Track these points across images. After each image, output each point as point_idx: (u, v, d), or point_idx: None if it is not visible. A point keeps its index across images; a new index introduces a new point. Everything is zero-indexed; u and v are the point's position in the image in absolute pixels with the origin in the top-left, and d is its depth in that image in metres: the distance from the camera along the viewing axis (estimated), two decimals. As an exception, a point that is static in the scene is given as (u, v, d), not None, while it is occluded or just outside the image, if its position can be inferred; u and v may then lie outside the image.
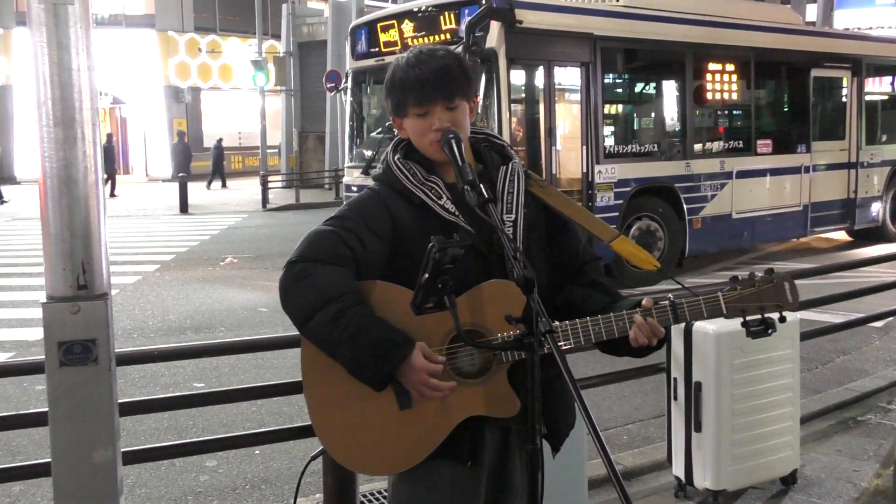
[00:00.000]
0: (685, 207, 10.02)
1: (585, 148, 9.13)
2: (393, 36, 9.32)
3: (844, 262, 8.17)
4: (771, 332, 2.01)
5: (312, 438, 2.06)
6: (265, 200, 20.99)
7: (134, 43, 31.20)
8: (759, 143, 11.03)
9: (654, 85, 10.73)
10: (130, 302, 9.37)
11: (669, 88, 10.57)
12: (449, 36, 8.57)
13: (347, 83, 10.24)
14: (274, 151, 29.36)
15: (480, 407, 1.94)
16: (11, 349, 7.32)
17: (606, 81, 9.61)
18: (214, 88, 33.90)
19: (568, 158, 9.24)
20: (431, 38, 8.83)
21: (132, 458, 3.21)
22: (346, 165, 10.82)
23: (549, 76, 8.87)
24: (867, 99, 12.57)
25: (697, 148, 10.37)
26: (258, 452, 4.81)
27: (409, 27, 9.13)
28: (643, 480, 4.10)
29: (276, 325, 7.79)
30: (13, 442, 4.88)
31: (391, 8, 9.89)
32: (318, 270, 1.92)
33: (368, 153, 9.78)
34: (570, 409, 2.15)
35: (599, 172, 9.18)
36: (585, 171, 9.14)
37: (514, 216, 2.03)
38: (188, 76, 32.97)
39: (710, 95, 10.56)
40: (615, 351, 2.06)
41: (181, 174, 22.16)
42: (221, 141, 27.31)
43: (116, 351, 2.19)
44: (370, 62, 9.75)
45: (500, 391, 1.94)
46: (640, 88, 10.83)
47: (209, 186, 26.31)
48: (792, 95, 11.90)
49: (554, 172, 8.88)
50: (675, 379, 3.82)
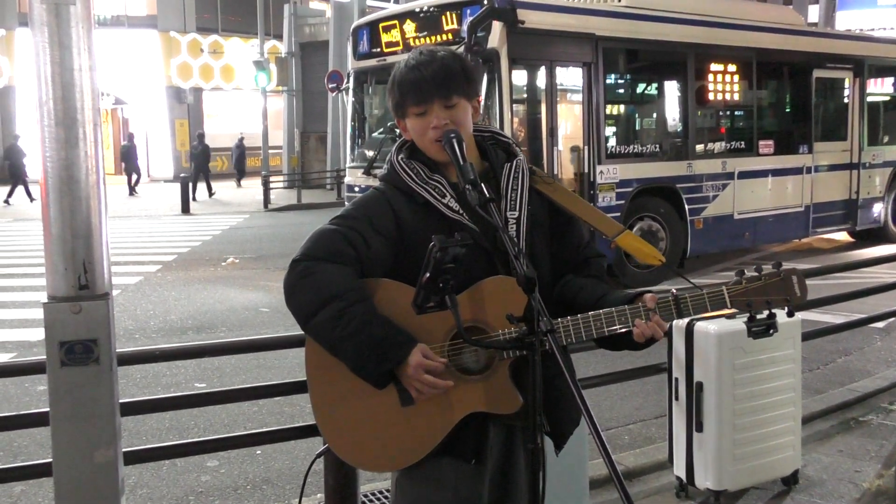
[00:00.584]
0: (687, 208, 10.01)
1: (587, 148, 9.12)
2: (395, 36, 9.32)
3: (846, 262, 8.16)
4: (772, 332, 2.01)
5: (314, 438, 2.07)
6: (267, 201, 21.03)
7: (136, 43, 31.25)
8: (760, 143, 11.02)
9: (655, 85, 10.72)
10: (132, 302, 9.38)
11: (671, 89, 10.56)
12: (451, 36, 8.57)
13: (349, 83, 10.25)
14: (276, 152, 29.36)
15: (482, 403, 1.94)
16: (13, 349, 7.33)
17: (608, 82, 9.60)
18: (216, 89, 33.92)
19: (569, 158, 9.24)
20: (433, 38, 8.83)
21: (133, 457, 3.21)
22: (347, 166, 10.82)
23: (550, 76, 8.86)
24: (869, 100, 12.56)
25: (699, 148, 10.36)
26: (259, 452, 4.81)
27: (410, 27, 9.14)
28: (644, 480, 4.10)
29: (277, 325, 7.80)
30: (15, 442, 4.88)
31: (393, 8, 9.90)
32: (321, 269, 1.93)
33: (370, 153, 9.79)
34: (574, 406, 2.13)
35: (601, 173, 9.17)
36: (587, 171, 9.14)
37: (517, 213, 2.03)
38: (190, 77, 33.00)
39: (712, 96, 10.55)
40: (614, 346, 2.06)
41: (203, 174, 22.82)
42: (243, 139, 27.42)
43: (118, 351, 2.19)
44: (372, 62, 9.75)
45: (501, 387, 1.94)
46: (641, 89, 10.82)
47: (239, 184, 26.59)
48: (794, 96, 11.89)
49: (556, 172, 8.87)
50: (676, 379, 3.81)
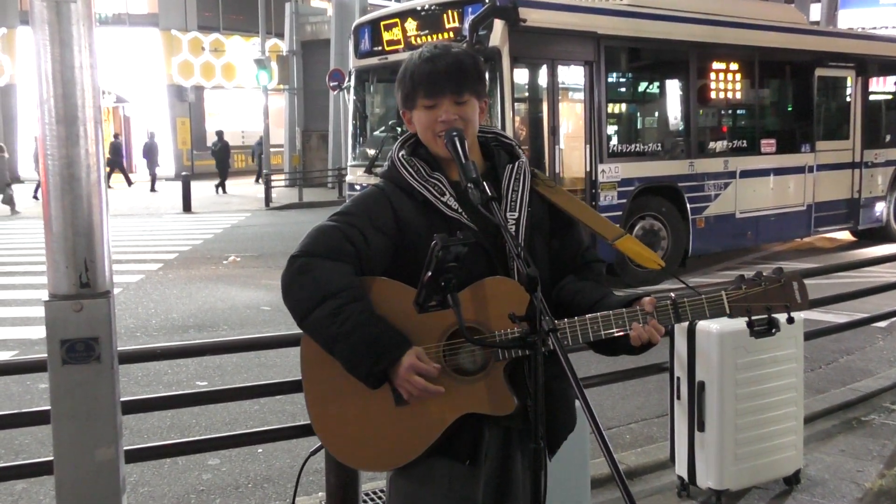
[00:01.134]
0: (689, 207, 9.99)
1: (589, 147, 9.11)
2: (396, 34, 9.31)
3: (848, 262, 8.14)
4: (774, 331, 2.00)
5: (315, 437, 2.06)
6: (268, 199, 21.05)
7: (137, 42, 31.27)
8: (762, 142, 11.01)
9: (657, 84, 10.70)
10: (134, 300, 9.38)
11: (673, 87, 10.55)
12: (452, 34, 8.56)
13: (350, 82, 10.23)
14: (277, 150, 29.36)
15: (477, 404, 1.93)
16: (15, 347, 7.33)
17: (610, 80, 9.59)
18: (218, 87, 33.93)
19: (571, 157, 9.23)
20: (434, 36, 8.81)
21: (135, 456, 3.21)
22: (349, 164, 10.81)
23: (552, 75, 8.85)
24: (871, 99, 12.54)
25: (701, 147, 10.35)
26: (261, 451, 4.81)
27: (412, 26, 9.12)
28: (646, 480, 4.09)
29: (278, 323, 7.79)
30: (16, 440, 4.88)
31: (394, 6, 9.88)
32: (319, 266, 1.92)
33: (371, 152, 9.78)
34: (569, 411, 2.13)
35: (603, 171, 9.16)
36: (589, 170, 9.12)
37: (517, 214, 2.02)
38: (191, 75, 33.00)
39: (713, 95, 10.53)
40: (611, 351, 2.04)
41: (224, 170, 23.18)
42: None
43: (119, 349, 2.19)
44: (373, 61, 9.74)
45: (497, 389, 1.92)
46: (643, 87, 10.80)
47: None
48: (796, 95, 11.86)
49: (557, 171, 8.86)
50: (678, 378, 3.81)
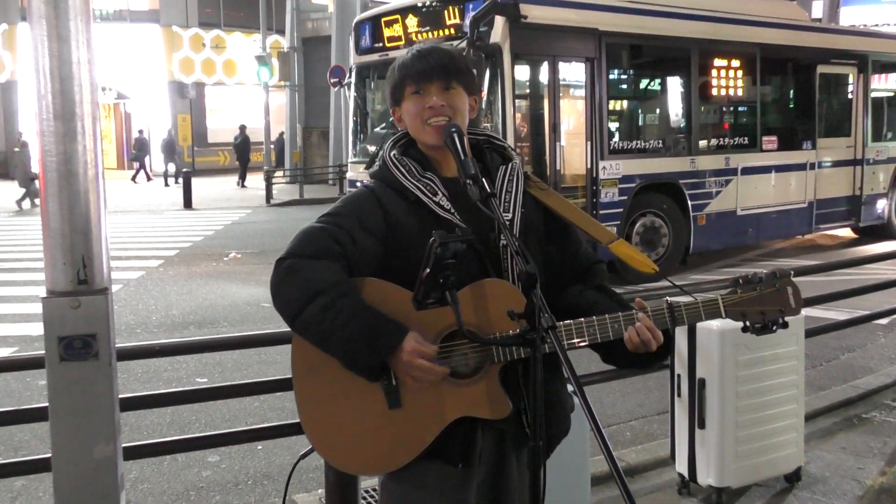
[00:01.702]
0: (690, 204, 9.98)
1: (590, 144, 9.09)
2: (397, 31, 9.30)
3: (850, 259, 8.12)
4: (775, 328, 1.99)
5: (311, 436, 2.04)
6: (269, 196, 21.05)
7: (138, 38, 31.23)
8: (764, 139, 10.98)
9: (659, 81, 10.68)
10: (134, 297, 9.38)
11: (674, 84, 10.53)
12: (453, 31, 8.55)
13: (351, 78, 10.23)
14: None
15: (471, 408, 1.90)
16: (15, 344, 7.33)
17: (611, 77, 9.57)
18: (218, 84, 33.88)
19: (572, 154, 9.22)
20: (435, 32, 8.80)
21: (134, 453, 3.21)
22: (349, 161, 10.81)
23: (553, 72, 8.83)
24: (873, 95, 12.52)
25: (702, 144, 10.34)
26: (260, 448, 4.81)
27: (413, 22, 9.12)
28: (646, 477, 4.09)
29: (278, 320, 7.70)
30: (16, 437, 4.88)
31: (395, 3, 9.84)
32: (308, 265, 1.90)
33: (372, 148, 9.77)
34: (563, 414, 2.10)
35: (604, 168, 9.14)
36: (590, 167, 9.11)
37: (510, 215, 2.00)
38: (192, 71, 32.96)
39: (715, 91, 10.51)
40: (618, 361, 2.04)
41: (244, 164, 23.95)
42: (283, 134, 27.32)
43: (118, 346, 2.18)
44: (374, 57, 9.73)
45: (491, 392, 1.90)
46: (645, 84, 10.79)
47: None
48: (798, 92, 11.85)
49: (558, 168, 8.85)
50: (678, 375, 3.81)
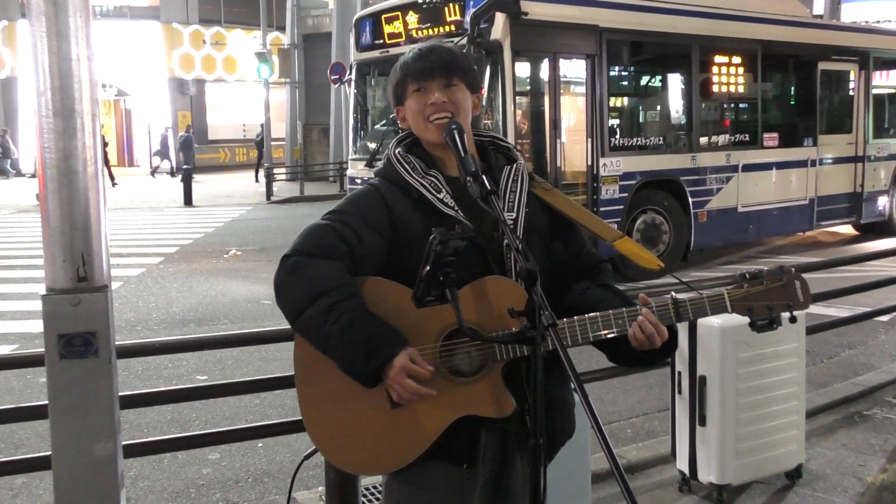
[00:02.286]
0: (690, 201, 9.96)
1: (590, 141, 9.08)
2: (397, 28, 9.29)
3: (851, 256, 8.12)
4: (776, 325, 1.98)
5: (314, 433, 2.04)
6: (269, 193, 21.06)
7: (138, 35, 31.23)
8: (765, 136, 10.97)
9: (659, 77, 10.67)
10: (134, 294, 9.38)
11: (675, 81, 10.51)
12: (453, 27, 8.54)
13: (352, 75, 10.21)
14: (279, 144, 29.35)
15: (474, 407, 1.89)
16: (15, 341, 7.33)
17: (612, 74, 9.56)
18: (219, 80, 33.89)
19: (573, 151, 9.20)
20: (436, 29, 8.79)
21: (135, 450, 3.21)
22: (350, 158, 10.79)
23: (554, 68, 8.82)
24: (874, 92, 12.50)
25: (703, 141, 10.32)
26: (261, 445, 4.81)
27: (413, 19, 9.10)
28: (647, 474, 4.09)
29: (279, 317, 7.69)
30: (16, 434, 4.87)
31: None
32: (312, 264, 1.90)
33: (373, 145, 9.77)
34: (567, 415, 2.09)
35: (604, 165, 9.14)
36: (590, 163, 9.10)
37: (514, 214, 2.00)
38: (192, 68, 32.96)
39: (716, 88, 10.50)
40: (623, 359, 2.03)
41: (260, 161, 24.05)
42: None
43: (118, 343, 2.18)
44: (374, 54, 9.71)
45: (494, 391, 1.89)
46: (645, 81, 10.77)
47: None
48: (799, 88, 11.84)
49: (559, 165, 8.84)
50: (679, 373, 3.80)
